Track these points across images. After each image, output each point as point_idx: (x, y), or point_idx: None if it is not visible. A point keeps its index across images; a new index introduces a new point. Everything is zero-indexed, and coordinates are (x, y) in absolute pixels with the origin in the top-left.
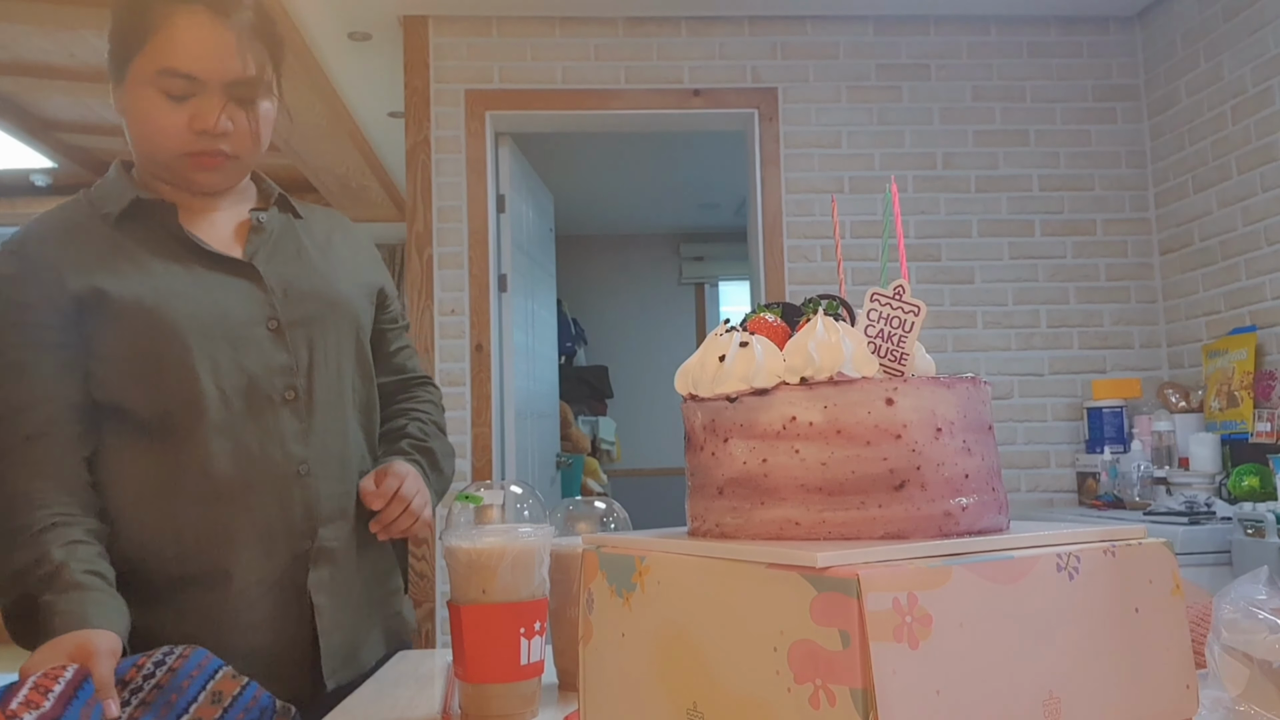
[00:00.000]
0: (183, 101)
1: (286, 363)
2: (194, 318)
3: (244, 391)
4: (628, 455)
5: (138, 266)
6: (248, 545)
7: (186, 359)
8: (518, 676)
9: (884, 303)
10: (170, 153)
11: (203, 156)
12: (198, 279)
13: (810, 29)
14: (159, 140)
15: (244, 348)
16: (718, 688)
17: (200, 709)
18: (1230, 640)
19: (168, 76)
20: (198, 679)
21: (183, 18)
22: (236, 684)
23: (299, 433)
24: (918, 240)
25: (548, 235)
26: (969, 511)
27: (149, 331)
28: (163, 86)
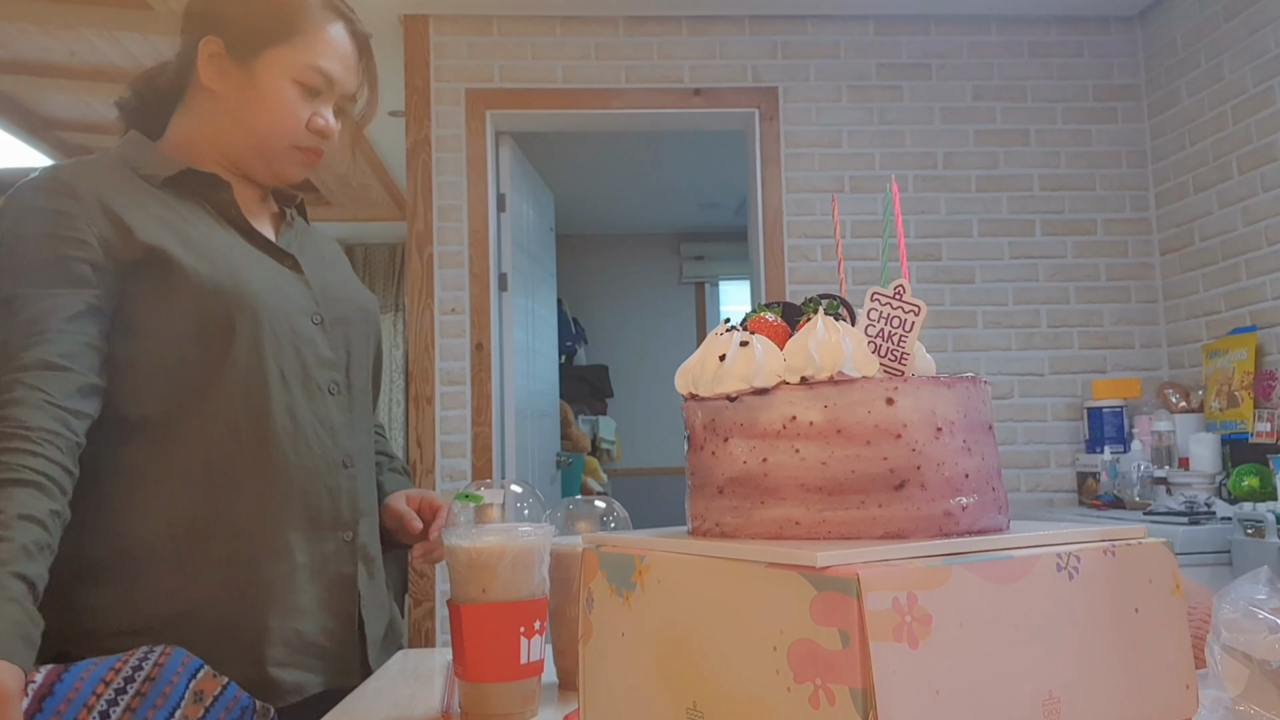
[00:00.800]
0: (311, 99)
1: (331, 357)
2: (261, 296)
3: (300, 377)
4: (628, 455)
5: (200, 234)
6: (298, 528)
7: (257, 333)
8: (517, 676)
9: (884, 302)
10: (284, 140)
11: (308, 152)
12: (256, 259)
13: (811, 28)
14: (280, 128)
15: (300, 334)
16: (717, 687)
17: (186, 708)
18: (1230, 640)
19: (313, 73)
20: (183, 676)
21: (336, 27)
22: (217, 683)
23: (345, 425)
24: (918, 240)
25: (548, 234)
26: (969, 511)
27: (221, 301)
28: (305, 80)
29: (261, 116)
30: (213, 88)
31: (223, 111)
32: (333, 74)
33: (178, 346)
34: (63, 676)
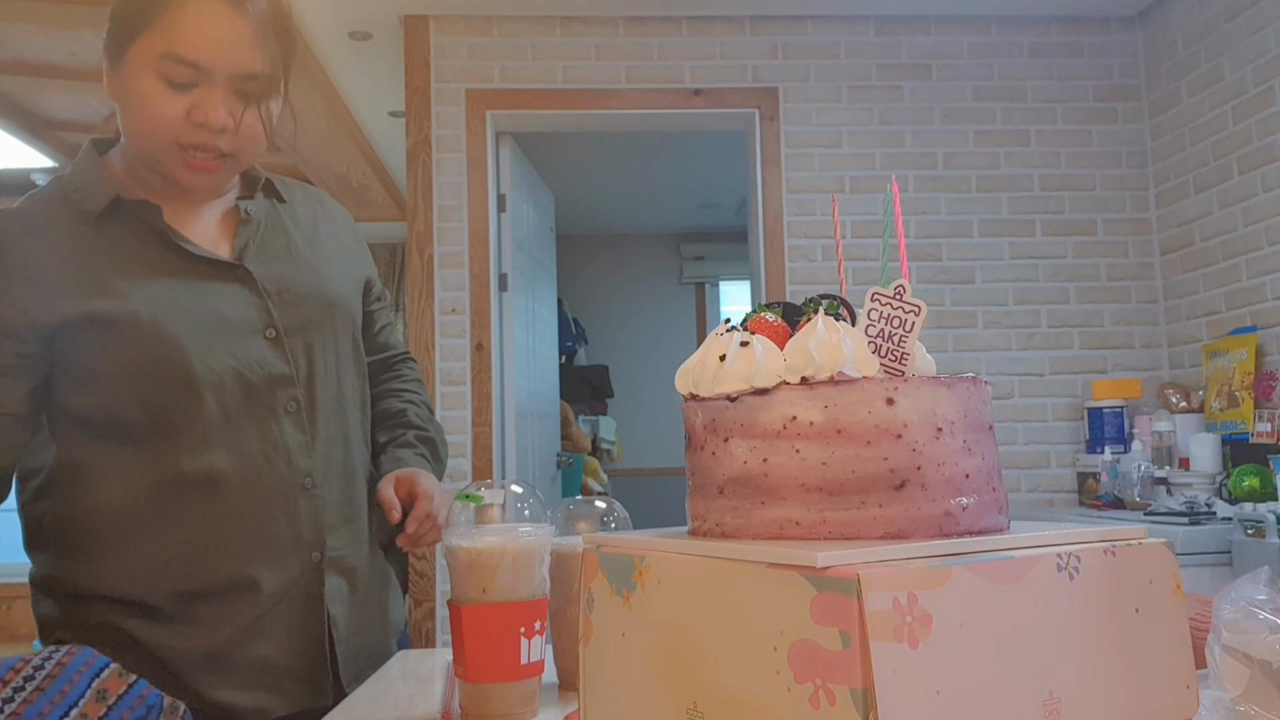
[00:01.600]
0: (185, 90)
1: (287, 373)
2: (191, 330)
3: (245, 404)
4: (628, 455)
5: (126, 278)
6: (257, 559)
7: (187, 373)
8: (518, 676)
9: (885, 302)
10: (163, 143)
11: (195, 154)
12: (190, 287)
13: (811, 29)
14: (153, 129)
15: (243, 358)
16: (718, 687)
17: (86, 705)
18: (1230, 641)
19: (171, 62)
20: (85, 675)
21: (195, 2)
22: (123, 682)
23: (303, 445)
24: (918, 240)
25: (548, 235)
26: (969, 511)
27: (146, 347)
28: (164, 72)
29: (133, 118)
30: (111, 97)
31: (121, 120)
32: (197, 59)
33: (115, 398)
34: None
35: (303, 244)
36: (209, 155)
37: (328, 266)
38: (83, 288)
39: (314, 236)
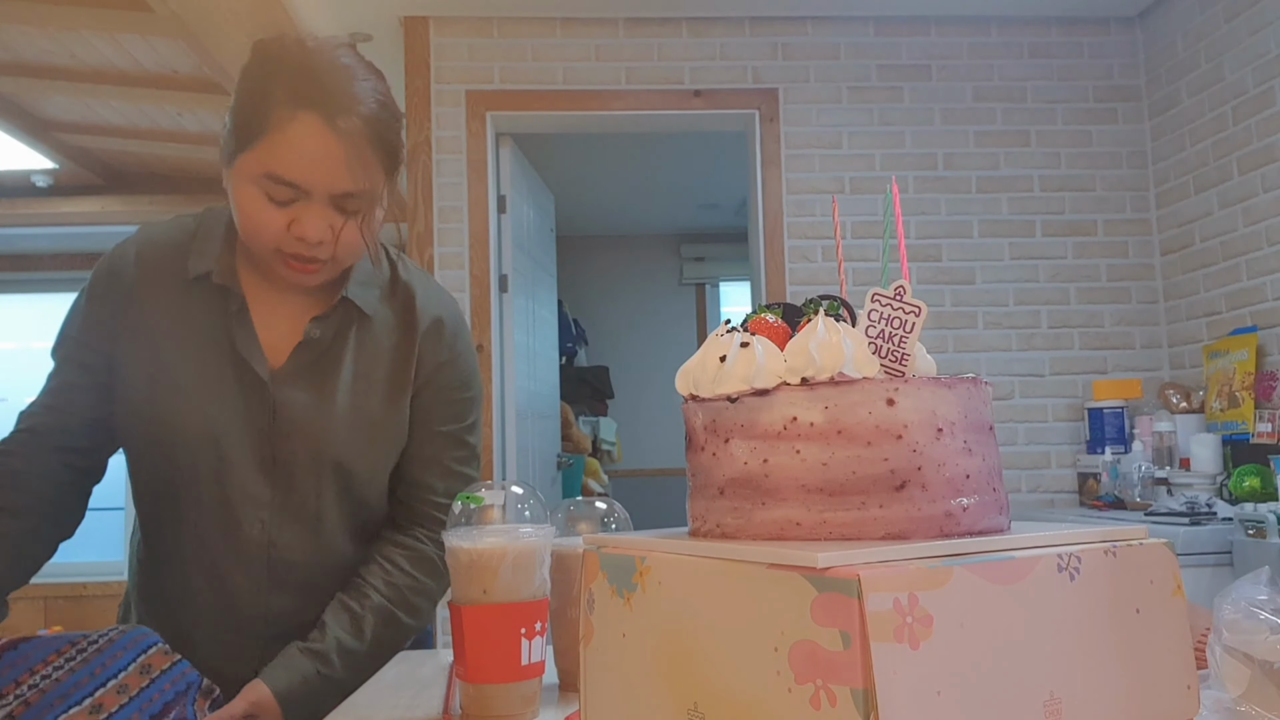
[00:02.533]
0: (285, 206)
1: (263, 497)
2: (191, 429)
3: (219, 510)
4: (628, 456)
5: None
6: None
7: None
8: (518, 677)
9: (885, 303)
10: (265, 248)
11: (295, 260)
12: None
13: (811, 29)
14: (255, 235)
15: (230, 474)
16: (718, 688)
17: (128, 678)
18: (1231, 641)
19: (272, 182)
20: (131, 650)
21: (296, 125)
22: (168, 659)
23: (262, 560)
24: (918, 241)
25: (548, 236)
26: (970, 512)
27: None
28: (266, 189)
29: (241, 221)
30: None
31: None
32: (296, 180)
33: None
34: (18, 645)
35: (347, 383)
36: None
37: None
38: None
39: (369, 374)
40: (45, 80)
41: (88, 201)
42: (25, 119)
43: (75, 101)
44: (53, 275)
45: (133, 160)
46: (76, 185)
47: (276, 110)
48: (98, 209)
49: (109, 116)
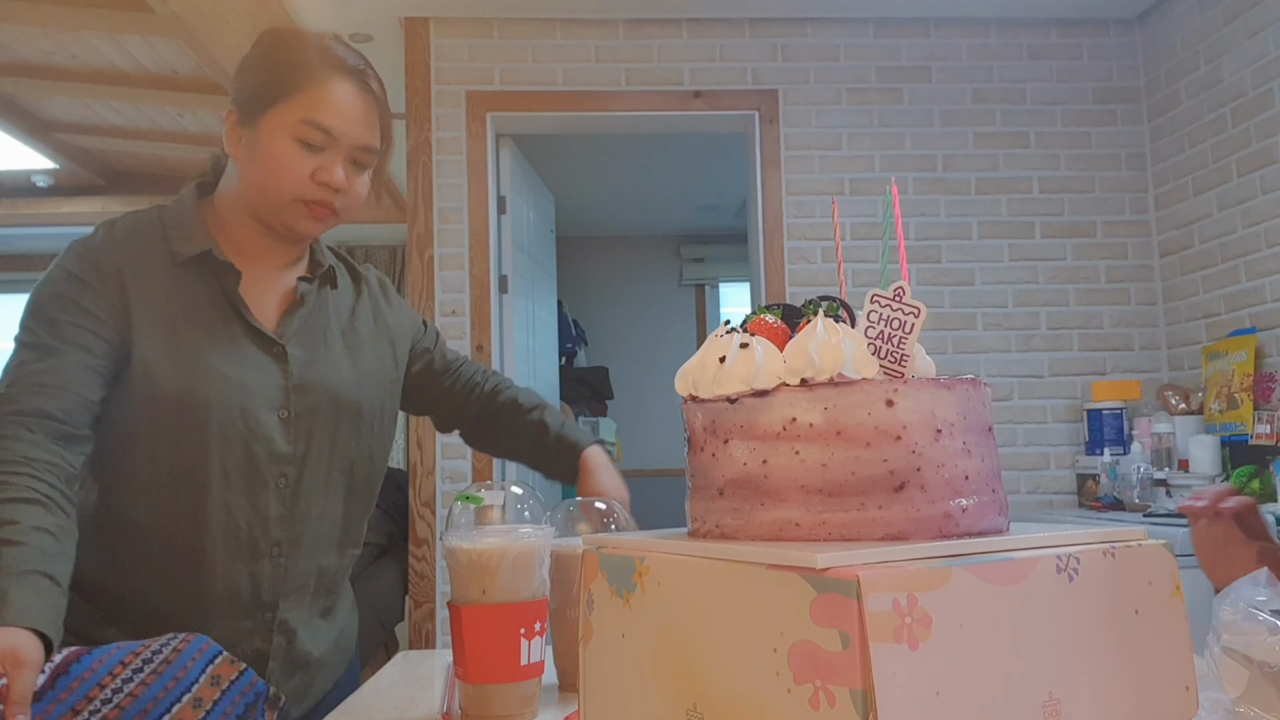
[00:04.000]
0: (314, 153)
1: (286, 452)
2: (221, 397)
3: (245, 474)
4: (628, 456)
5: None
6: (218, 606)
7: (205, 437)
8: (518, 677)
9: (884, 304)
10: (288, 195)
11: (315, 206)
12: (234, 352)
13: (811, 31)
14: (281, 183)
15: (255, 431)
16: (717, 688)
17: (201, 690)
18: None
19: (309, 127)
20: (200, 661)
21: (335, 82)
22: (234, 669)
23: (281, 517)
24: (918, 242)
25: (548, 236)
26: (969, 513)
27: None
28: (302, 135)
29: (264, 173)
30: (233, 154)
31: (240, 175)
32: (331, 127)
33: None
34: (81, 658)
35: (337, 334)
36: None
37: (350, 364)
38: (152, 325)
39: (350, 327)
40: (46, 80)
41: (88, 202)
42: (26, 119)
43: (76, 102)
44: None
45: (133, 160)
46: (77, 185)
47: (315, 71)
48: (98, 209)
49: (109, 117)
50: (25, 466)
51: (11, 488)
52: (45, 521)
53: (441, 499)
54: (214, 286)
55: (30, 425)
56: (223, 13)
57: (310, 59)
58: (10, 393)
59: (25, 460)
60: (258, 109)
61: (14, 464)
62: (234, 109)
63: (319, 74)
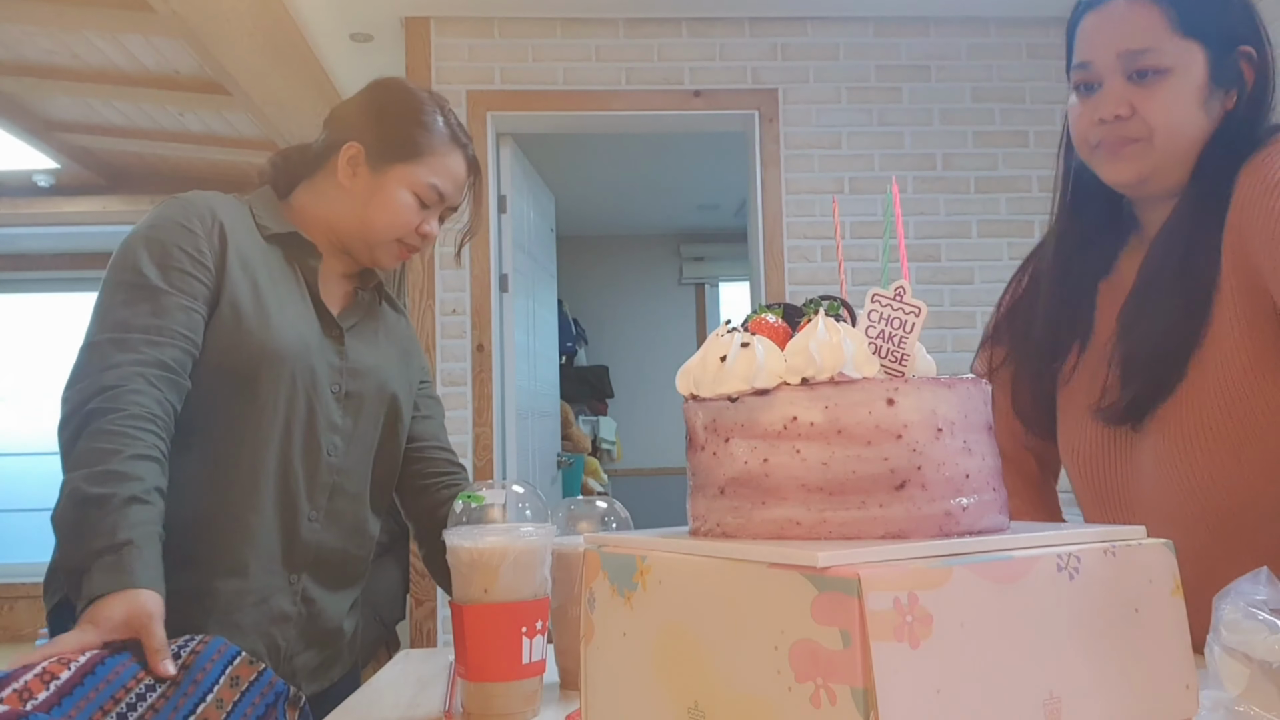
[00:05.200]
0: (423, 209)
1: (339, 423)
2: (294, 357)
3: (305, 430)
4: (628, 455)
5: (272, 288)
6: (255, 559)
7: (277, 388)
8: (520, 675)
9: (885, 303)
10: (392, 235)
11: (406, 249)
12: (306, 323)
13: (810, 30)
14: (392, 227)
15: (317, 394)
16: (719, 687)
17: (221, 691)
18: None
19: (431, 189)
20: (218, 663)
21: (455, 154)
22: (253, 670)
23: (325, 485)
24: (917, 241)
25: (549, 235)
26: (969, 511)
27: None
28: (422, 193)
29: (381, 215)
30: (344, 182)
31: (346, 201)
32: (445, 191)
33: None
34: (106, 660)
35: (383, 338)
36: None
37: (389, 363)
38: (242, 274)
39: (388, 336)
40: (47, 80)
41: (89, 201)
42: (27, 119)
43: (77, 101)
44: (53, 275)
45: (134, 160)
46: (78, 185)
47: (442, 141)
48: (99, 209)
49: (111, 116)
50: (150, 423)
51: (140, 443)
52: (161, 480)
53: None
54: (294, 264)
55: (151, 378)
56: (224, 12)
57: (439, 127)
58: (129, 339)
59: (150, 416)
60: (389, 158)
61: (141, 419)
62: (360, 147)
63: (446, 145)
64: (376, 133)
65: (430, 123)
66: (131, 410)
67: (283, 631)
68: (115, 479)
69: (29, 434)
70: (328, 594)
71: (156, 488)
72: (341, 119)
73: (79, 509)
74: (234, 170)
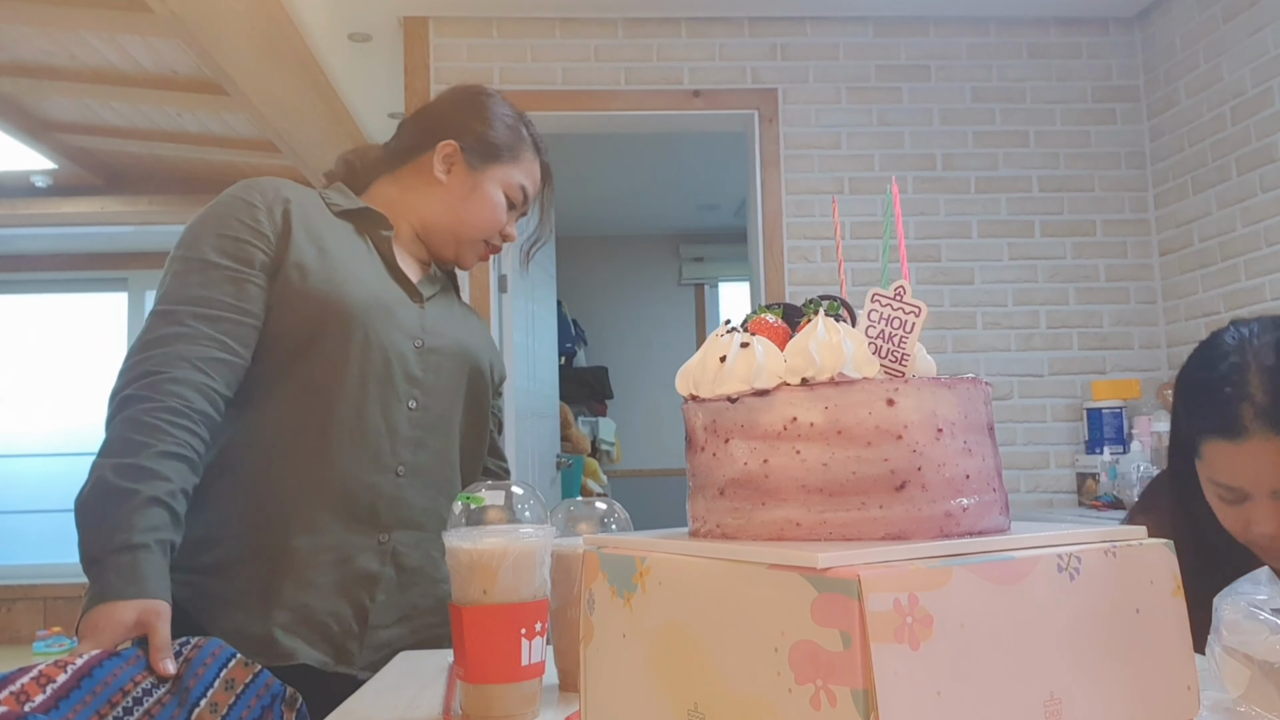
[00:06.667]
0: (510, 210)
1: (420, 377)
2: (366, 309)
3: (381, 384)
4: (627, 456)
5: (344, 252)
6: (334, 514)
7: (347, 339)
8: (519, 677)
9: (885, 303)
10: (482, 234)
11: (489, 249)
12: (382, 282)
13: (810, 30)
14: (485, 224)
15: (394, 348)
16: (719, 688)
17: (216, 694)
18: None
19: (519, 190)
20: (212, 666)
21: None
22: (248, 671)
23: (408, 439)
24: (917, 241)
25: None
26: (970, 512)
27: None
28: (513, 195)
29: (476, 212)
30: (439, 177)
31: (440, 196)
32: (530, 195)
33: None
34: (103, 662)
35: (460, 312)
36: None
37: (472, 335)
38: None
39: (467, 316)
40: (45, 80)
41: (87, 202)
42: (25, 119)
43: (75, 102)
44: (52, 275)
45: (132, 160)
46: (76, 185)
47: (529, 148)
48: (97, 209)
49: (108, 117)
50: (184, 418)
51: (171, 439)
52: (189, 481)
53: None
54: (365, 236)
55: (196, 362)
56: (222, 13)
57: (527, 135)
58: (176, 311)
59: (186, 410)
60: (489, 159)
61: (176, 414)
62: (458, 145)
63: (532, 152)
64: (477, 133)
65: (521, 129)
66: (168, 403)
67: (370, 593)
68: (142, 474)
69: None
70: (421, 559)
71: (182, 489)
72: (432, 118)
73: (103, 499)
74: (232, 170)
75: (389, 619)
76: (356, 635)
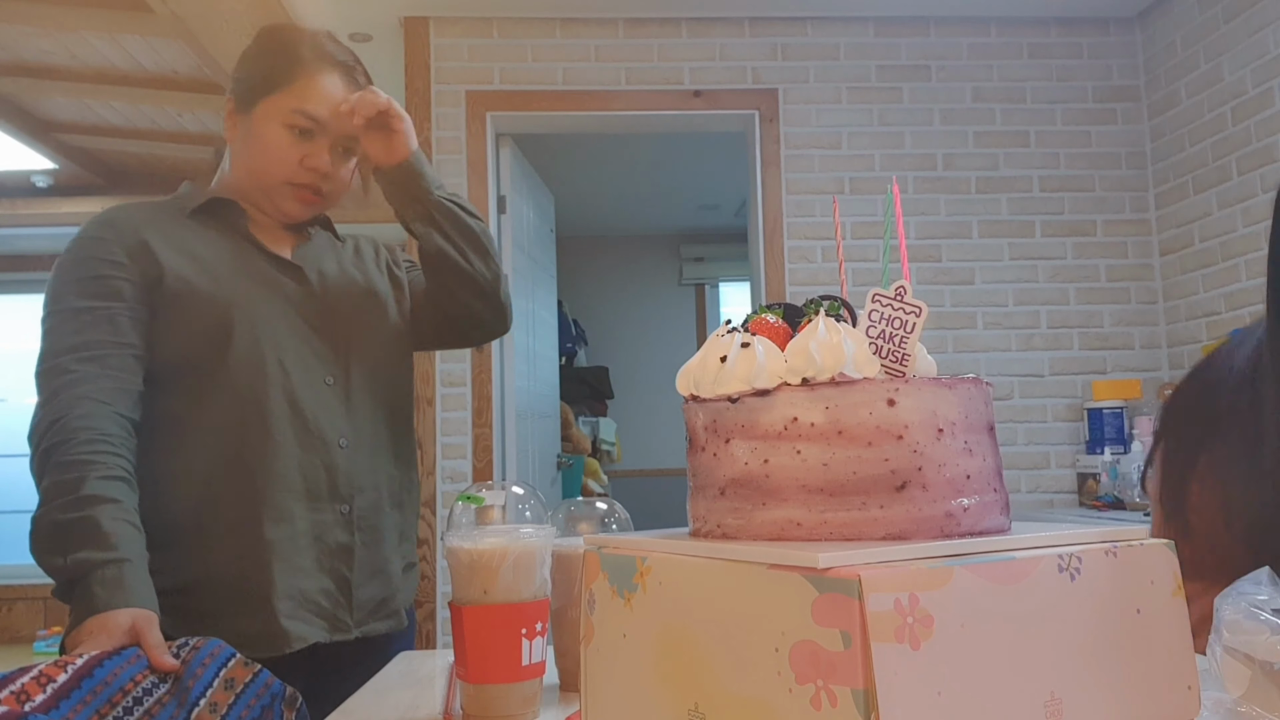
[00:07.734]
0: (302, 139)
1: (325, 353)
2: (256, 302)
3: (301, 368)
4: (628, 456)
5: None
6: (299, 498)
7: (254, 333)
8: (519, 677)
9: (885, 304)
10: (277, 179)
11: (303, 190)
12: (258, 271)
13: (810, 30)
14: (272, 167)
15: (296, 332)
16: (719, 688)
17: (215, 694)
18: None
19: (299, 115)
20: (211, 666)
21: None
22: (248, 671)
23: (342, 412)
24: (918, 241)
25: (548, 236)
26: (970, 512)
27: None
28: (291, 122)
29: (256, 157)
30: (229, 139)
31: (234, 159)
32: (319, 116)
33: (188, 348)
34: (103, 662)
35: (347, 260)
36: (311, 192)
37: (366, 273)
38: (176, 254)
39: (355, 257)
40: (45, 80)
41: (87, 202)
42: (25, 119)
43: (75, 102)
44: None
45: (132, 160)
46: (76, 185)
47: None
48: (98, 209)
49: (109, 117)
50: (104, 443)
51: (101, 466)
52: (134, 500)
53: (442, 499)
54: (224, 227)
55: (94, 395)
56: (222, 12)
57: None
58: (59, 364)
59: (103, 437)
60: (253, 97)
61: (95, 442)
62: (231, 97)
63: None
64: (242, 76)
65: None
66: (83, 437)
67: (347, 563)
68: (90, 502)
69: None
70: (387, 522)
71: (135, 507)
72: None
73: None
74: None
75: (364, 578)
76: (344, 604)
